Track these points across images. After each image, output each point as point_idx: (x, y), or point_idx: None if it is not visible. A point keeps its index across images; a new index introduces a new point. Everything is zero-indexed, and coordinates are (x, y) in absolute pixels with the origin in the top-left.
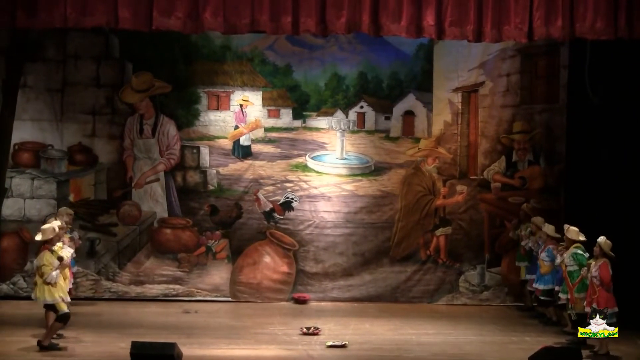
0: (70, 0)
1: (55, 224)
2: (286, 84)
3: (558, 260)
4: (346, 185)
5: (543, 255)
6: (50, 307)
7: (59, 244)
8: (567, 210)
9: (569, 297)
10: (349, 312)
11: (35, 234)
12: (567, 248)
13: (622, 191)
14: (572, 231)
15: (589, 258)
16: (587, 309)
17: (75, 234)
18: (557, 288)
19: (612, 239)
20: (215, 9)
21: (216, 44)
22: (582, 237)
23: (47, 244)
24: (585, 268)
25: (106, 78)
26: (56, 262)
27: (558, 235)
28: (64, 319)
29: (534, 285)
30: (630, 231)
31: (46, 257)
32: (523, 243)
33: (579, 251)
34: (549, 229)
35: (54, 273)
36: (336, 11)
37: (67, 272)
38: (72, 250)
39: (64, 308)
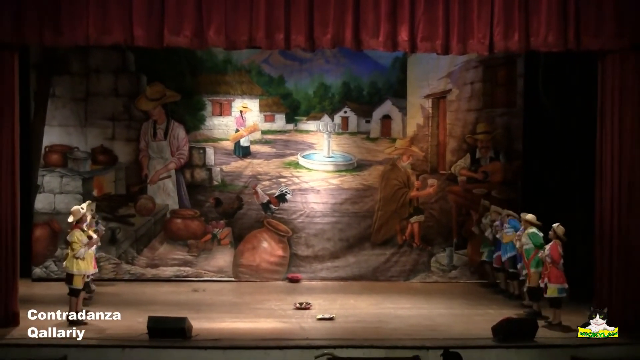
0: (92, 21)
1: (83, 205)
2: (280, 93)
3: (517, 244)
4: (332, 180)
5: (506, 227)
6: (68, 280)
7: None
8: (524, 200)
9: (527, 272)
10: (336, 290)
11: (68, 218)
12: (524, 229)
13: (571, 184)
14: (530, 216)
15: (545, 240)
16: (542, 284)
17: (100, 226)
18: (519, 265)
19: (562, 224)
20: (217, 27)
21: (219, 58)
22: (538, 222)
23: (78, 223)
24: (542, 251)
25: (124, 89)
26: (85, 240)
27: (516, 216)
28: (75, 294)
29: (502, 259)
30: (578, 218)
31: (77, 235)
32: (487, 233)
33: (535, 230)
34: (509, 212)
35: (83, 250)
36: (322, 29)
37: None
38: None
39: (79, 284)
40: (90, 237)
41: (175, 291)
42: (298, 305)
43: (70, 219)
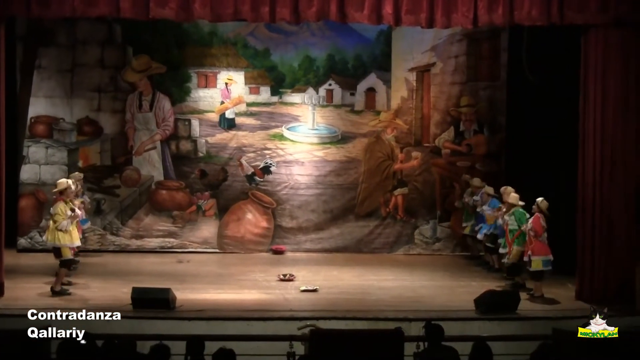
0: None
1: (70, 180)
2: (265, 65)
3: (500, 221)
4: (317, 152)
5: (486, 208)
6: (56, 253)
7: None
8: (507, 173)
9: (508, 250)
10: (320, 261)
11: (53, 189)
12: (507, 210)
13: (554, 157)
14: (513, 197)
15: (529, 216)
16: (525, 258)
17: (86, 197)
18: (499, 240)
19: (544, 196)
20: (203, 0)
21: (205, 31)
22: (521, 202)
23: (62, 195)
24: (525, 225)
25: (110, 60)
26: (69, 212)
27: (496, 195)
28: (66, 265)
29: (481, 233)
30: (560, 190)
31: (60, 207)
32: (467, 200)
33: (520, 210)
34: (488, 189)
35: (65, 222)
36: (308, 1)
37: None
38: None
39: (68, 254)
40: (73, 210)
41: (160, 262)
42: (282, 276)
43: (55, 190)
